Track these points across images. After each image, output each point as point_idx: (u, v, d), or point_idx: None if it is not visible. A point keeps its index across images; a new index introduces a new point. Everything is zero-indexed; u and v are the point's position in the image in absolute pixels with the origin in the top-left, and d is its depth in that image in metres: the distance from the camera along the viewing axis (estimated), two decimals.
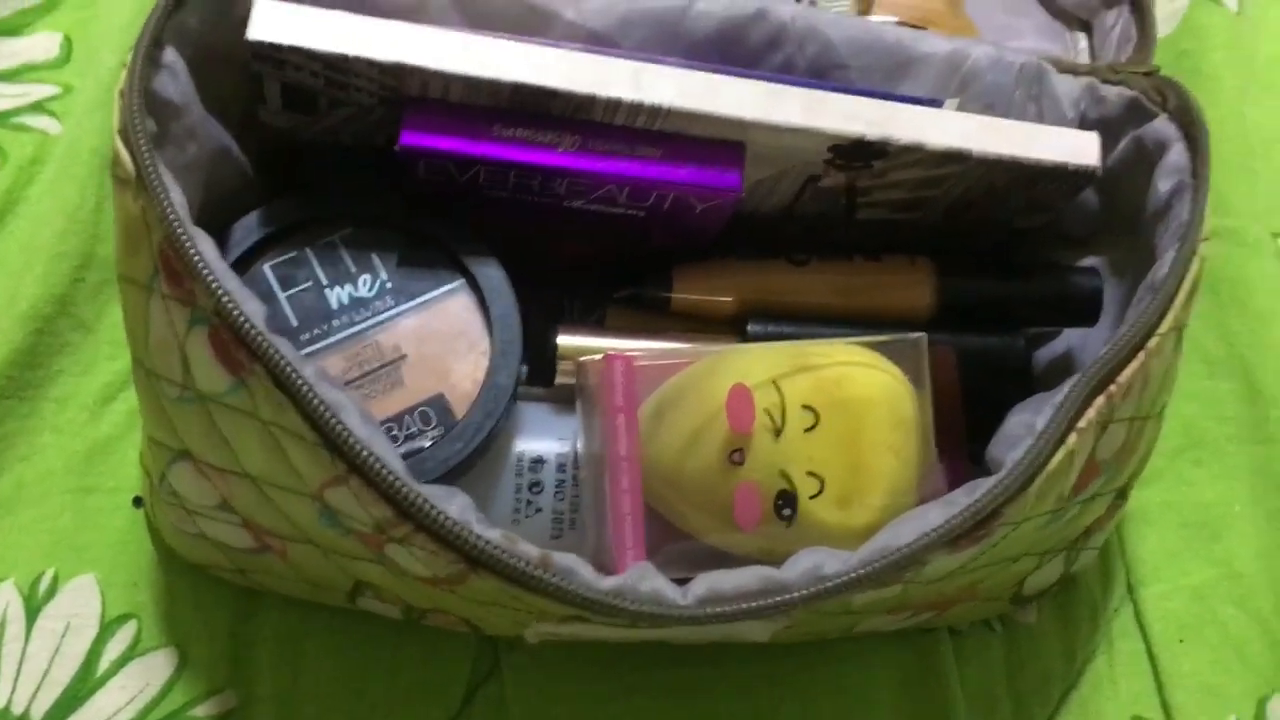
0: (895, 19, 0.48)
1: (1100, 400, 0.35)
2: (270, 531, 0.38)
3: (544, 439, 0.42)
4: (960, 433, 0.40)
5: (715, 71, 0.39)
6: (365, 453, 0.32)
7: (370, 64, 0.37)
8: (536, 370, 0.43)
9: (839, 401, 0.35)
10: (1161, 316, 0.37)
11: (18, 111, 0.51)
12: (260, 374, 0.32)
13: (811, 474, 0.34)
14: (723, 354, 0.36)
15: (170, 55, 0.36)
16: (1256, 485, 0.48)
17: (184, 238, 0.33)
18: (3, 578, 0.44)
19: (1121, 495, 0.41)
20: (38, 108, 0.51)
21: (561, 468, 0.41)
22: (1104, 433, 0.37)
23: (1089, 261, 0.46)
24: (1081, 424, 0.35)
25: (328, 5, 0.40)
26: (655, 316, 0.44)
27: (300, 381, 0.32)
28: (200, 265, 0.33)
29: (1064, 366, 0.46)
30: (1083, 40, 0.53)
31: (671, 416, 0.36)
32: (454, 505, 0.33)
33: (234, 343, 0.33)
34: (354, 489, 0.32)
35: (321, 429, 0.32)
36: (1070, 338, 0.46)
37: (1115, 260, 0.45)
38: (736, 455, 0.34)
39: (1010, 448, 0.35)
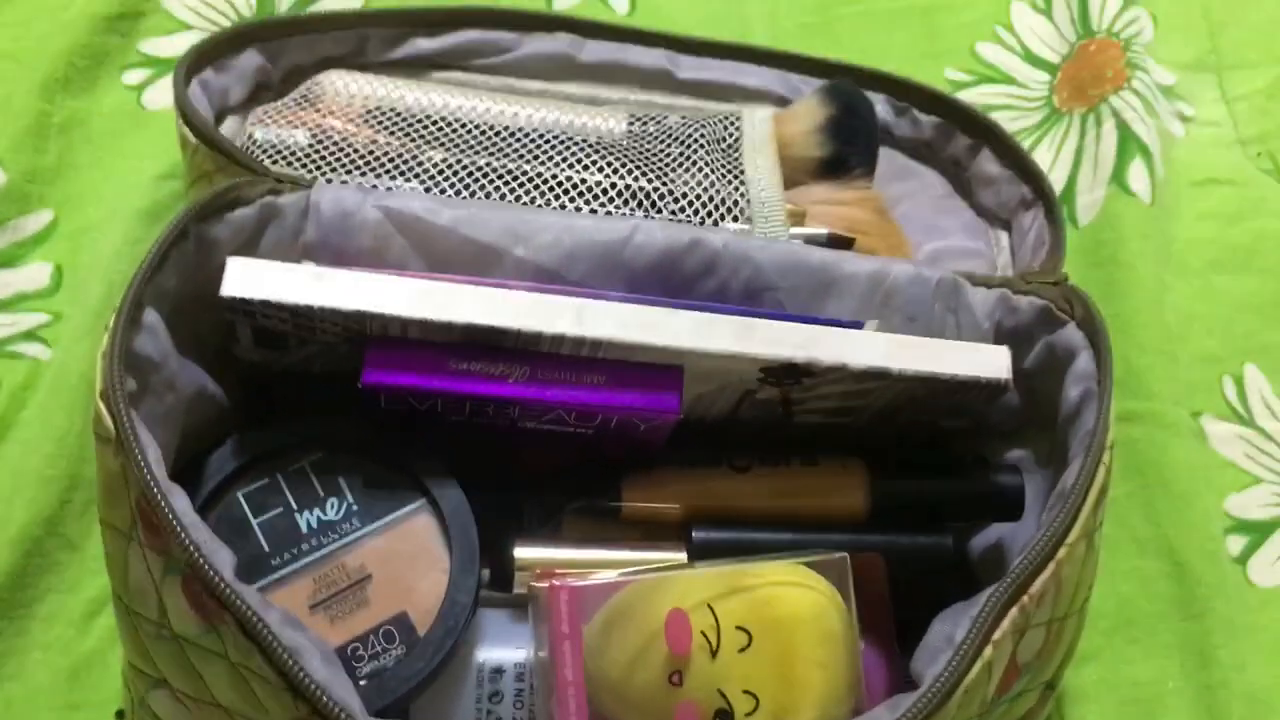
0: (826, 230, 0.52)
1: (1014, 611, 0.38)
2: None
3: (503, 647, 0.44)
4: (890, 633, 0.42)
5: (653, 303, 0.43)
6: (325, 698, 0.34)
7: (334, 311, 0.41)
8: (496, 576, 0.45)
9: (770, 621, 0.37)
10: (1069, 527, 0.39)
11: (11, 340, 0.55)
12: (229, 621, 0.35)
13: (747, 692, 0.37)
14: (662, 576, 0.39)
15: (150, 316, 0.40)
16: (1187, 662, 0.50)
17: (159, 496, 0.36)
18: None
19: (1050, 686, 0.44)
20: (29, 335, 0.55)
21: (520, 676, 0.44)
22: (1022, 638, 0.39)
23: (1015, 454, 0.49)
24: (996, 635, 0.38)
25: (296, 250, 0.45)
26: (607, 524, 0.46)
27: (264, 630, 0.34)
28: (173, 521, 0.35)
29: (996, 555, 0.48)
30: (1005, 238, 0.56)
31: (617, 634, 0.39)
32: None
33: (205, 593, 0.35)
34: None
35: (285, 674, 0.34)
36: (999, 526, 0.49)
37: (1039, 453, 0.48)
38: (675, 677, 0.37)
39: (930, 661, 0.37)
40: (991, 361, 0.44)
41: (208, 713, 0.39)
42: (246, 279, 0.41)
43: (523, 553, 0.45)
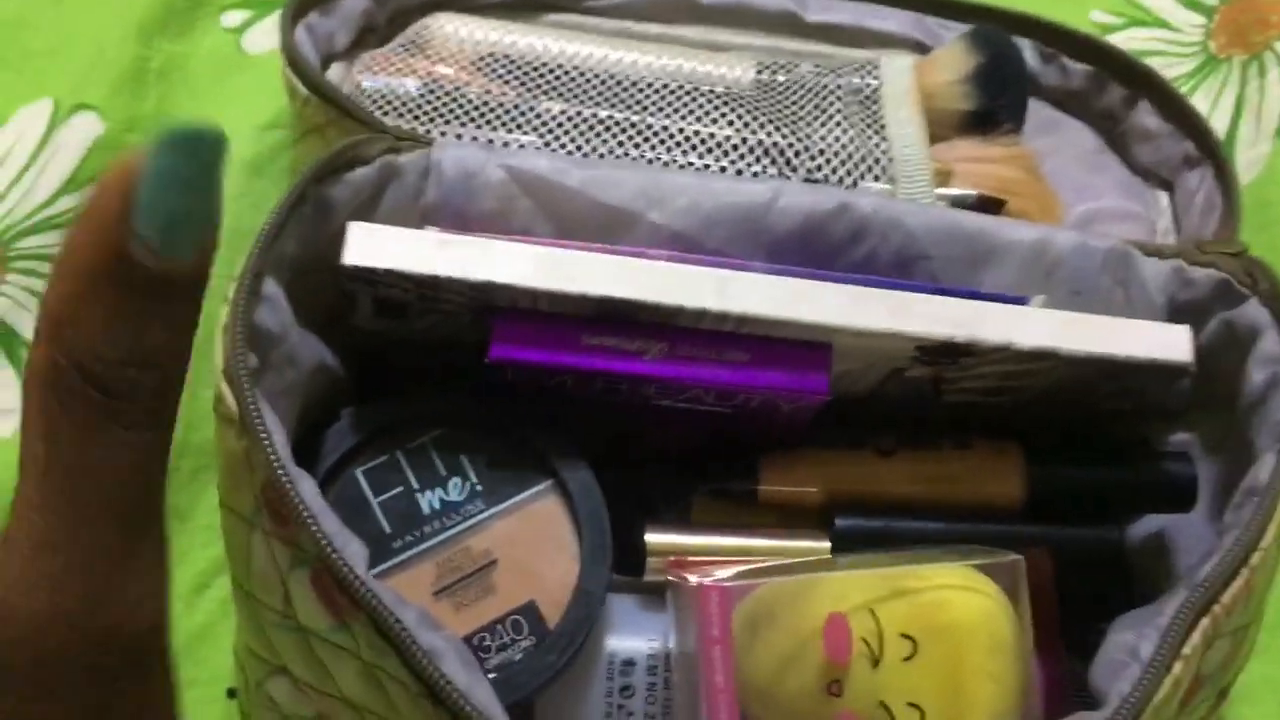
0: (975, 191, 0.48)
1: (1205, 622, 0.35)
2: None
3: (633, 638, 0.42)
4: (1056, 635, 0.39)
5: (799, 275, 0.40)
6: (467, 707, 0.32)
7: (460, 281, 0.38)
8: (624, 561, 0.43)
9: (937, 628, 0.34)
10: (1263, 529, 0.36)
11: None
12: (363, 620, 0.33)
13: (911, 705, 0.34)
14: (814, 574, 0.36)
15: (270, 286, 0.37)
16: None
17: (286, 483, 0.33)
18: None
19: (1223, 695, 0.40)
20: None
21: (652, 669, 0.41)
22: (1208, 649, 0.36)
23: (1181, 438, 0.45)
24: (1186, 650, 0.34)
25: (416, 213, 0.42)
26: (742, 508, 0.44)
27: (402, 631, 0.32)
28: (303, 510, 0.33)
29: (1157, 548, 0.45)
30: (1164, 199, 0.52)
31: (765, 634, 0.36)
32: None
33: (336, 589, 0.33)
34: None
35: (424, 679, 0.32)
36: (1163, 516, 0.46)
37: (1208, 437, 0.45)
38: (834, 687, 0.34)
39: (1113, 676, 0.34)
40: (1172, 342, 0.40)
41: (331, 705, 0.37)
42: (369, 247, 0.38)
43: (654, 538, 0.42)
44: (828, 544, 0.42)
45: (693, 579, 0.37)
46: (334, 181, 0.39)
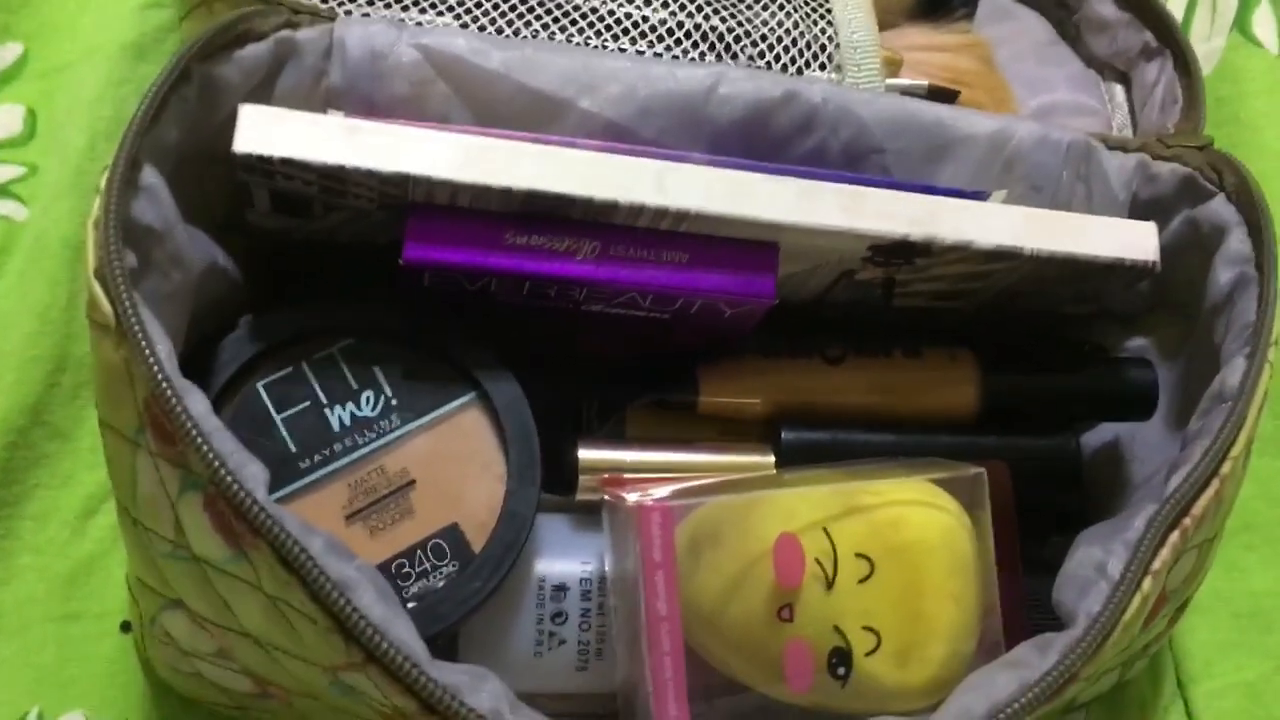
0: (926, 82, 0.45)
1: (1174, 536, 0.33)
2: (275, 684, 0.35)
3: (565, 560, 0.39)
4: (1015, 552, 0.37)
5: (744, 168, 0.36)
6: (383, 643, 0.29)
7: (370, 173, 0.34)
8: (553, 479, 0.40)
9: (895, 548, 0.32)
10: (1234, 438, 0.34)
11: None
12: (263, 549, 0.29)
13: (867, 628, 0.32)
14: (763, 491, 0.33)
15: (149, 175, 0.33)
16: None
17: (172, 398, 0.29)
18: None
19: (1182, 608, 0.39)
20: (2, 191, 0.47)
21: (586, 595, 0.38)
22: (1175, 564, 0.34)
23: (1137, 342, 0.43)
24: (1156, 565, 0.32)
25: (318, 96, 0.38)
26: (681, 420, 0.41)
27: (308, 561, 0.29)
28: (191, 429, 0.29)
29: (1111, 456, 0.43)
30: (1120, 93, 0.49)
31: (709, 557, 0.33)
32: (484, 694, 0.30)
33: (233, 515, 0.29)
34: (372, 676, 0.29)
35: (333, 613, 0.29)
36: (1118, 424, 0.44)
37: (1166, 341, 0.43)
38: (785, 611, 0.32)
39: (1080, 594, 0.32)
40: (1138, 240, 0.38)
41: (233, 640, 0.33)
42: (264, 133, 0.34)
43: (587, 454, 0.39)
44: (772, 458, 0.39)
45: (631, 498, 0.34)
46: (222, 59, 0.35)
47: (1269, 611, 0.46)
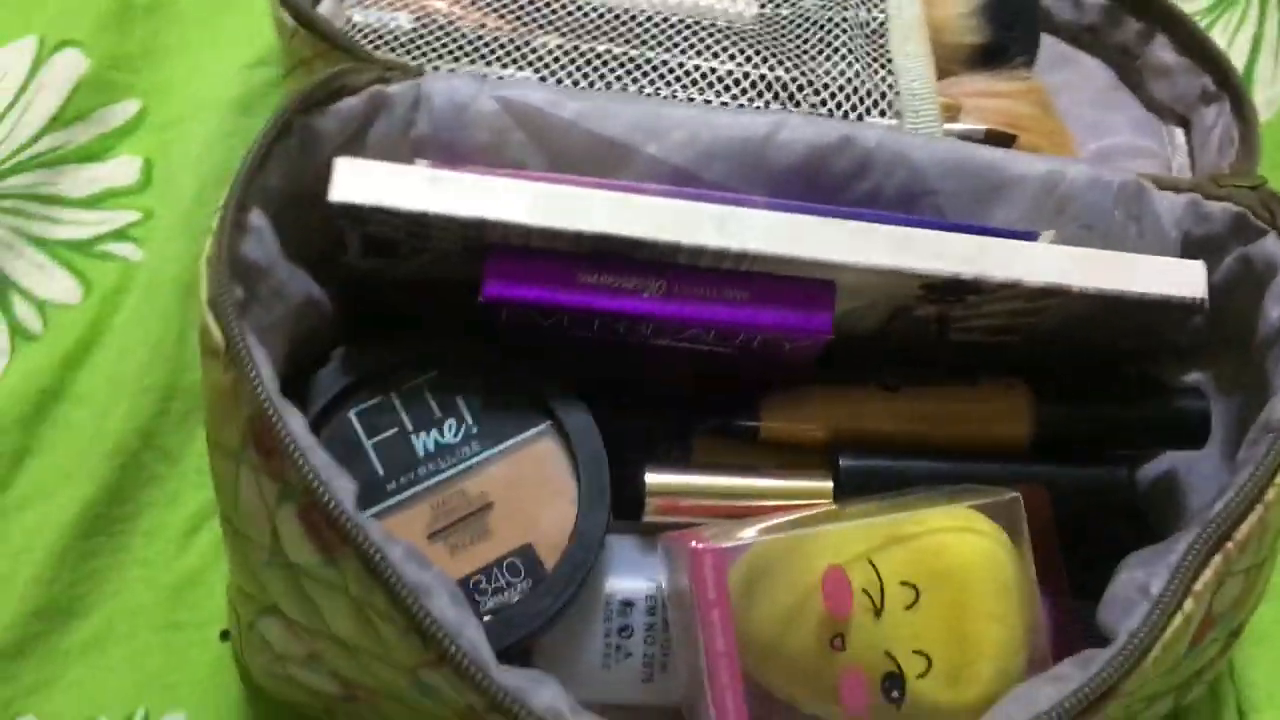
0: (984, 127, 0.47)
1: (1217, 559, 0.34)
2: (360, 685, 0.38)
3: (632, 578, 0.41)
4: (1059, 573, 0.38)
5: (802, 210, 0.38)
6: (451, 646, 0.31)
7: (451, 219, 0.37)
8: (623, 501, 0.42)
9: (938, 573, 0.33)
10: (1279, 467, 0.35)
11: (101, 239, 0.52)
12: (350, 555, 0.32)
13: (917, 652, 0.33)
14: (812, 528, 0.35)
15: (256, 218, 0.36)
16: None
17: (273, 416, 0.32)
18: (93, 718, 0.44)
19: (1235, 634, 0.40)
20: (120, 235, 0.52)
21: (651, 610, 0.40)
22: (1220, 587, 0.35)
23: (1193, 377, 0.44)
24: (1198, 586, 0.34)
25: (406, 145, 0.41)
26: (744, 447, 0.43)
27: (387, 567, 0.31)
28: (290, 444, 0.32)
29: (1168, 488, 0.44)
30: (1180, 136, 0.51)
31: (763, 589, 0.35)
32: (544, 695, 0.32)
33: (324, 524, 0.32)
34: (446, 676, 0.32)
35: (409, 614, 0.31)
36: (1173, 455, 0.45)
37: (1222, 376, 0.44)
38: (837, 641, 0.33)
39: (1123, 613, 0.33)
40: (1185, 278, 0.39)
41: (323, 644, 0.36)
42: (356, 182, 0.37)
43: (654, 478, 0.41)
44: (831, 484, 0.41)
45: (689, 542, 0.36)
46: (319, 112, 0.38)
47: None
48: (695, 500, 0.41)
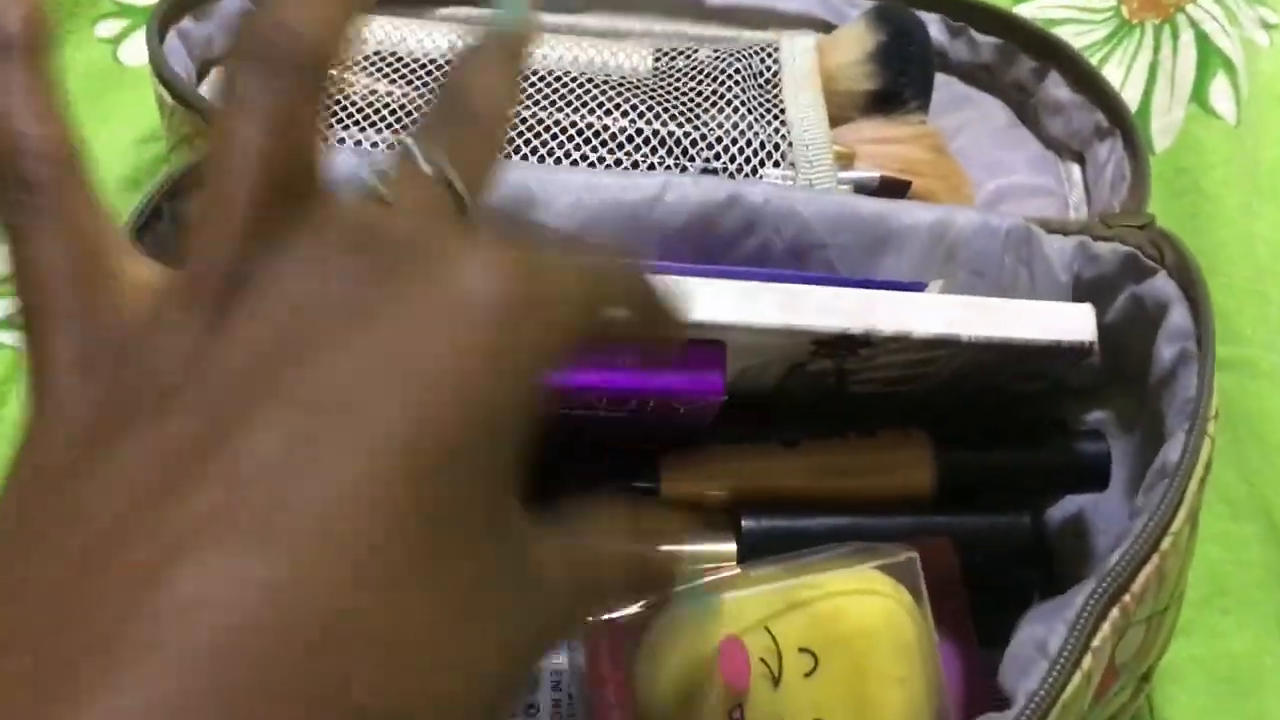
0: (879, 173, 0.46)
1: (1114, 613, 0.34)
2: None
3: None
4: (966, 624, 0.38)
5: (687, 272, 0.38)
6: None
7: None
8: None
9: (837, 638, 0.33)
10: (1174, 513, 0.35)
11: None
12: None
13: None
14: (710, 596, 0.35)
15: None
16: None
17: None
18: None
19: (1145, 679, 0.39)
20: (8, 323, 0.50)
21: (556, 685, 0.40)
22: (1121, 639, 0.35)
23: (1095, 416, 0.44)
24: (1096, 642, 0.33)
25: None
26: (645, 510, 0.42)
27: None
28: None
29: (1075, 530, 0.44)
30: (1076, 172, 0.51)
31: (665, 663, 0.34)
32: None
33: None
34: None
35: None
36: (1082, 496, 0.44)
37: (1122, 414, 0.44)
38: (736, 713, 0.33)
39: (1021, 674, 0.33)
40: (1073, 323, 0.39)
41: None
42: None
43: None
44: (734, 546, 0.40)
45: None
46: (188, 197, 0.37)
47: (1244, 676, 0.46)
48: None
